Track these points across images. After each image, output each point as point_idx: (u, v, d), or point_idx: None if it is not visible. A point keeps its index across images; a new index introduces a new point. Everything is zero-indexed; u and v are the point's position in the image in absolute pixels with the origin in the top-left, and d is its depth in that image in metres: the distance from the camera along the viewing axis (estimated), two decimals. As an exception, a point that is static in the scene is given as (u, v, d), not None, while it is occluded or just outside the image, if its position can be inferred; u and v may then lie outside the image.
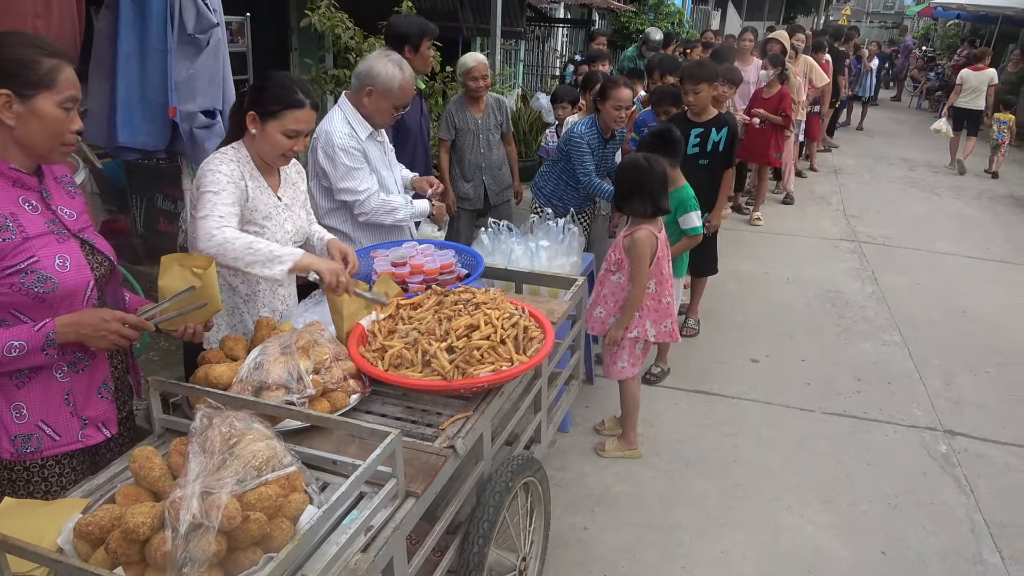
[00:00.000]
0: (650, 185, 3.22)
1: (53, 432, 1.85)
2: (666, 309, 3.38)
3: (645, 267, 3.22)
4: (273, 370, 1.92)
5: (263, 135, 2.31)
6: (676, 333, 3.45)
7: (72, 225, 1.86)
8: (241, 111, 2.36)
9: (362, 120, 3.11)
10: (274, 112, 2.28)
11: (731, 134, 4.52)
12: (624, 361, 3.42)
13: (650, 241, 3.21)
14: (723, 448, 3.64)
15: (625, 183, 3.29)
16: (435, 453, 1.87)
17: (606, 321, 3.39)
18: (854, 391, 4.28)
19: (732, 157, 4.61)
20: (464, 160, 4.71)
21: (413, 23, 3.82)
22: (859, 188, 9.45)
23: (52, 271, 1.75)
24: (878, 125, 14.60)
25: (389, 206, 3.12)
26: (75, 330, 1.76)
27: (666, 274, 3.36)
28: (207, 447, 1.54)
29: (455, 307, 2.29)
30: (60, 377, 1.84)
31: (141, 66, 3.07)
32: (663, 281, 3.35)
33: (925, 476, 3.50)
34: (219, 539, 1.40)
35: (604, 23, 15.44)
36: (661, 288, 3.34)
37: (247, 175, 2.35)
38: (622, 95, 4.19)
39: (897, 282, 6.12)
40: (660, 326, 3.38)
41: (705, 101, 4.52)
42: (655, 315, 3.36)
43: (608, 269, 3.38)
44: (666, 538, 3.01)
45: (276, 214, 2.44)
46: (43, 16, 2.58)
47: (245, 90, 2.46)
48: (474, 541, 2.01)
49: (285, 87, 2.30)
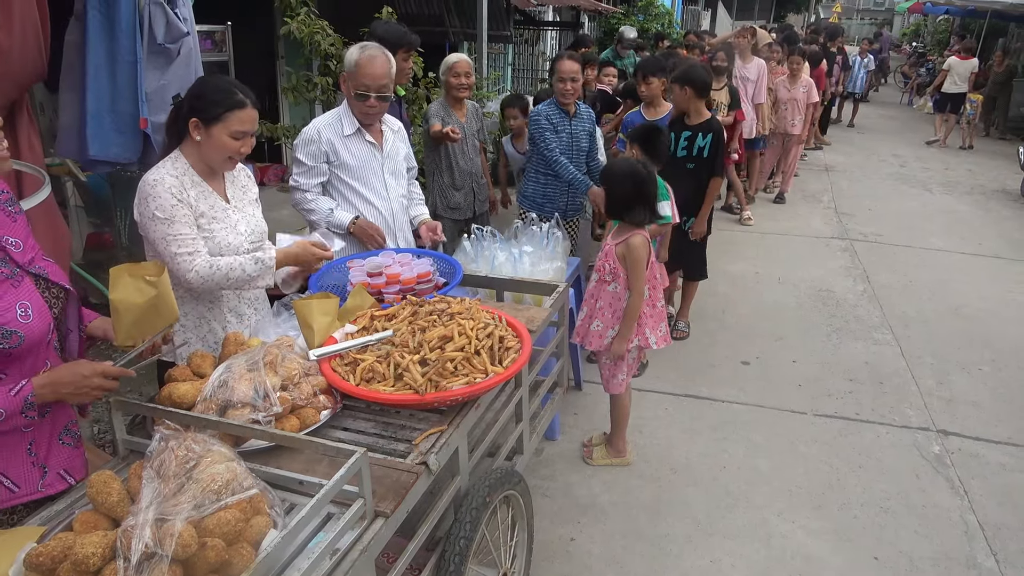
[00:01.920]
0: (650, 192, 3.16)
1: (12, 484, 1.76)
2: (660, 313, 3.32)
3: (643, 274, 3.12)
4: (238, 388, 1.87)
5: (208, 140, 2.27)
6: (668, 335, 3.39)
7: (21, 258, 1.73)
8: (178, 121, 2.31)
9: (352, 116, 3.11)
10: (217, 115, 2.24)
11: (715, 141, 4.46)
12: (623, 373, 3.32)
13: (646, 247, 3.12)
14: (713, 454, 3.58)
15: (624, 190, 3.15)
16: (406, 470, 1.81)
17: (604, 335, 3.25)
18: (846, 392, 4.23)
19: (717, 166, 4.55)
20: (455, 167, 4.57)
21: (392, 31, 3.77)
22: (850, 186, 9.43)
23: (15, 324, 1.65)
24: (869, 122, 14.60)
25: (306, 203, 3.17)
26: (53, 390, 1.69)
27: (658, 277, 3.31)
28: (162, 471, 1.48)
29: (429, 318, 2.24)
30: (24, 428, 1.76)
31: (111, 77, 3.02)
32: (656, 285, 3.30)
33: (918, 478, 3.45)
34: (174, 568, 1.35)
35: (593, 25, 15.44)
36: (655, 292, 3.28)
37: (188, 185, 2.30)
38: (565, 67, 4.29)
39: (889, 280, 6.08)
40: (657, 331, 3.30)
41: (655, 93, 4.71)
42: (652, 321, 3.27)
43: (602, 280, 3.24)
44: (654, 548, 2.95)
45: (225, 217, 2.39)
46: (4, 27, 2.53)
47: (179, 99, 2.42)
48: (450, 559, 1.96)
49: (224, 90, 2.27)
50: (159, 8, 2.99)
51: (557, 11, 13.41)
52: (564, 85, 4.29)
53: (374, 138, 3.19)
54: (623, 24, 12.93)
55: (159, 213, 2.23)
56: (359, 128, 3.12)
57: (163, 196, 2.23)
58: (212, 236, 2.35)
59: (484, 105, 7.28)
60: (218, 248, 2.37)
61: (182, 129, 2.31)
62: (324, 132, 3.09)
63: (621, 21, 12.98)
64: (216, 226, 2.36)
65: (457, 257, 3.60)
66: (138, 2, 2.97)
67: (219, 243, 2.37)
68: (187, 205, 2.27)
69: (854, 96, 13.93)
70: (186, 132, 2.30)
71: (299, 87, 4.85)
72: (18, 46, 2.62)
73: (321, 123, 3.12)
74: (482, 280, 3.12)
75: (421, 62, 5.42)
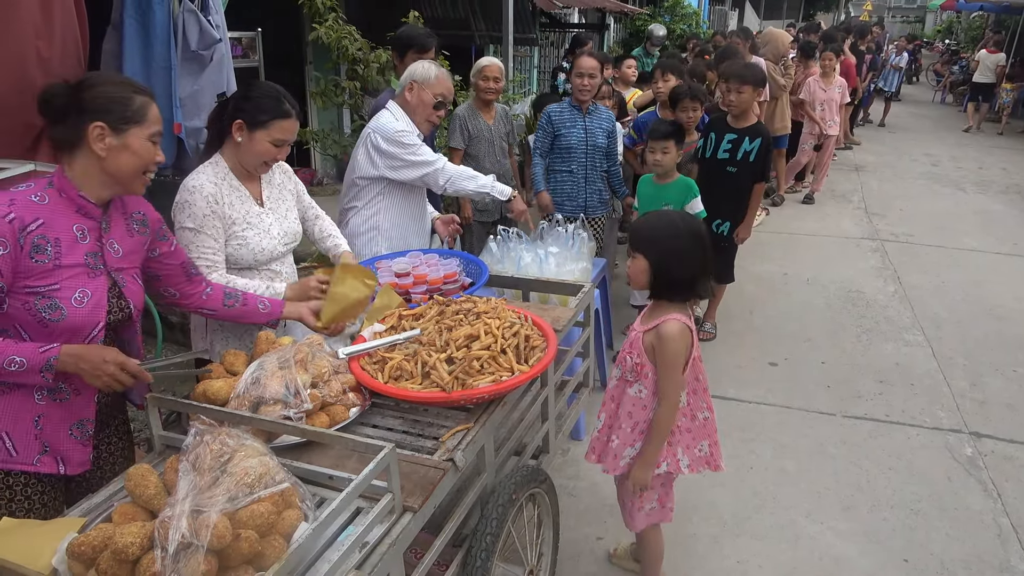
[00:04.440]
0: (703, 257, 2.26)
1: (12, 447, 1.85)
2: (702, 427, 2.42)
3: (679, 376, 2.25)
4: (270, 385, 1.91)
5: (250, 144, 2.33)
6: (717, 459, 2.45)
7: (113, 262, 1.90)
8: (222, 119, 2.37)
9: (408, 120, 3.21)
10: (263, 122, 2.30)
11: (764, 146, 4.41)
12: (653, 503, 2.48)
13: (686, 338, 2.24)
14: (739, 455, 3.57)
15: (683, 261, 2.23)
16: (433, 466, 1.84)
17: (621, 454, 2.40)
18: (876, 393, 4.19)
19: (765, 171, 4.52)
20: (482, 170, 4.60)
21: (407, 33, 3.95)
22: (881, 185, 9.30)
23: (67, 303, 1.79)
24: (901, 121, 14.39)
25: (468, 172, 3.23)
26: (75, 362, 1.78)
27: (702, 380, 2.40)
28: (197, 465, 1.53)
29: (456, 317, 2.27)
30: (38, 399, 1.85)
31: (146, 84, 3.09)
32: (698, 389, 2.39)
33: (949, 480, 3.40)
34: (209, 558, 1.39)
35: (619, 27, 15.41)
36: (696, 399, 2.39)
37: (225, 191, 2.36)
38: (583, 63, 4.34)
39: (920, 281, 6.00)
40: (695, 451, 2.40)
41: (747, 104, 4.47)
42: (688, 437, 2.39)
43: (623, 378, 2.39)
44: (680, 548, 2.95)
45: (259, 222, 2.45)
46: (45, 37, 2.61)
47: (225, 99, 2.48)
48: (477, 555, 1.98)
49: (273, 97, 2.33)
50: (192, 15, 3.07)
51: (583, 13, 13.40)
52: (581, 80, 4.33)
53: None
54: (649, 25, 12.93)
55: (189, 223, 2.30)
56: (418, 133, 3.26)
57: (198, 204, 2.30)
58: (246, 242, 2.42)
59: (511, 107, 7.31)
60: (251, 253, 2.44)
61: (225, 128, 2.37)
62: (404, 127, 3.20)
63: (647, 22, 12.94)
64: (249, 232, 2.42)
65: (483, 258, 3.63)
66: (172, 10, 3.05)
67: (252, 248, 2.43)
68: (219, 216, 2.34)
69: (885, 95, 13.72)
70: (228, 132, 2.37)
71: (326, 91, 4.92)
72: (58, 55, 2.70)
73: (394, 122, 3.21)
74: (508, 280, 3.14)
75: (448, 65, 5.47)
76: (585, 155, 4.48)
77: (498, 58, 5.24)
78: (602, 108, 4.58)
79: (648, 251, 2.26)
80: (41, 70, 2.69)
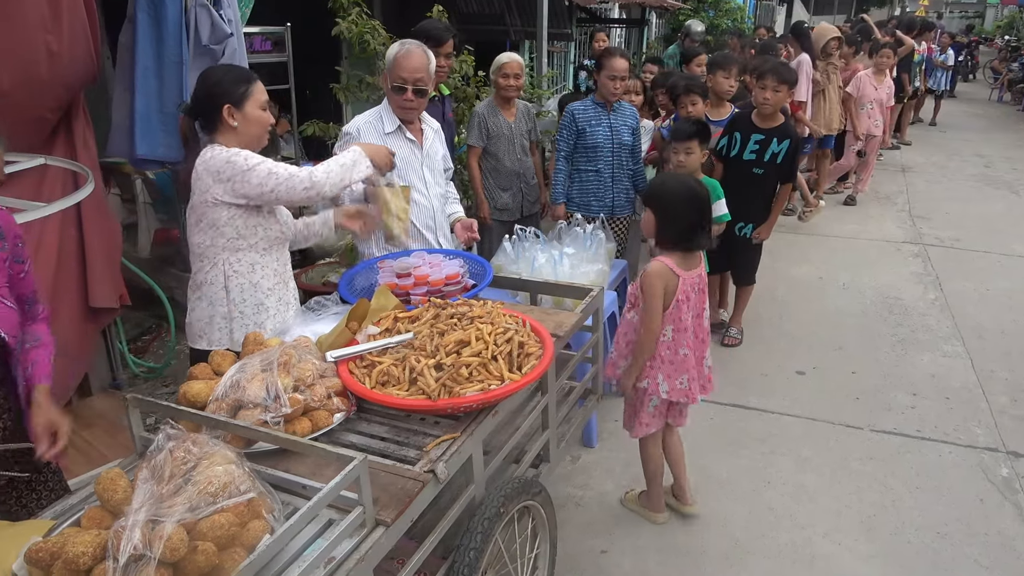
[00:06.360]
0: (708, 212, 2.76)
1: None
2: (683, 362, 2.79)
3: (654, 307, 2.69)
4: (250, 388, 1.87)
5: (245, 120, 2.40)
6: (694, 392, 2.82)
7: None
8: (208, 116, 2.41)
9: (392, 114, 3.12)
10: (244, 93, 2.37)
11: (792, 148, 4.26)
12: (639, 417, 2.92)
13: (663, 277, 2.68)
14: (757, 468, 3.43)
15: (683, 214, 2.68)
16: (412, 478, 1.77)
17: (617, 364, 2.93)
18: (908, 407, 3.99)
19: (792, 173, 4.36)
20: (501, 168, 4.54)
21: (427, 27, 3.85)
22: (928, 187, 8.95)
23: None
24: (954, 120, 13.85)
25: None
26: None
27: (685, 321, 2.76)
28: (156, 473, 1.49)
29: (450, 321, 2.20)
30: None
31: (158, 78, 3.11)
32: (681, 328, 2.76)
33: (982, 502, 3.22)
34: (162, 571, 1.34)
35: (660, 23, 15.15)
36: (679, 336, 2.76)
37: None
38: (616, 65, 4.21)
39: (964, 288, 5.73)
40: (675, 381, 2.80)
41: (781, 103, 4.32)
42: (670, 367, 2.79)
43: (628, 306, 2.90)
44: (689, 564, 2.84)
45: None
46: (53, 31, 2.62)
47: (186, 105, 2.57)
48: (459, 570, 1.91)
49: (233, 70, 2.46)
50: (204, 10, 3.05)
51: (623, 8, 13.21)
52: (614, 83, 4.21)
53: (414, 136, 3.17)
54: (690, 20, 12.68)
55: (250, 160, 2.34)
56: (399, 126, 3.12)
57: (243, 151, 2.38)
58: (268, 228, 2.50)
59: (542, 104, 7.21)
60: (268, 240, 2.51)
61: (214, 122, 2.40)
62: (364, 129, 3.10)
63: (689, 17, 12.68)
64: (268, 220, 2.50)
65: (497, 258, 3.56)
66: (184, 4, 3.04)
67: (270, 233, 2.51)
68: None
69: (934, 93, 13.21)
70: (217, 125, 2.40)
71: (350, 87, 4.89)
72: (67, 49, 2.71)
73: (361, 121, 3.13)
74: (515, 282, 3.06)
75: (472, 60, 5.40)
76: (611, 153, 4.37)
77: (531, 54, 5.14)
78: (626, 104, 4.46)
79: (654, 205, 2.74)
80: (50, 64, 2.70)
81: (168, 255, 5.29)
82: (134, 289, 4.00)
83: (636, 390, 2.87)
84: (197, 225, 2.44)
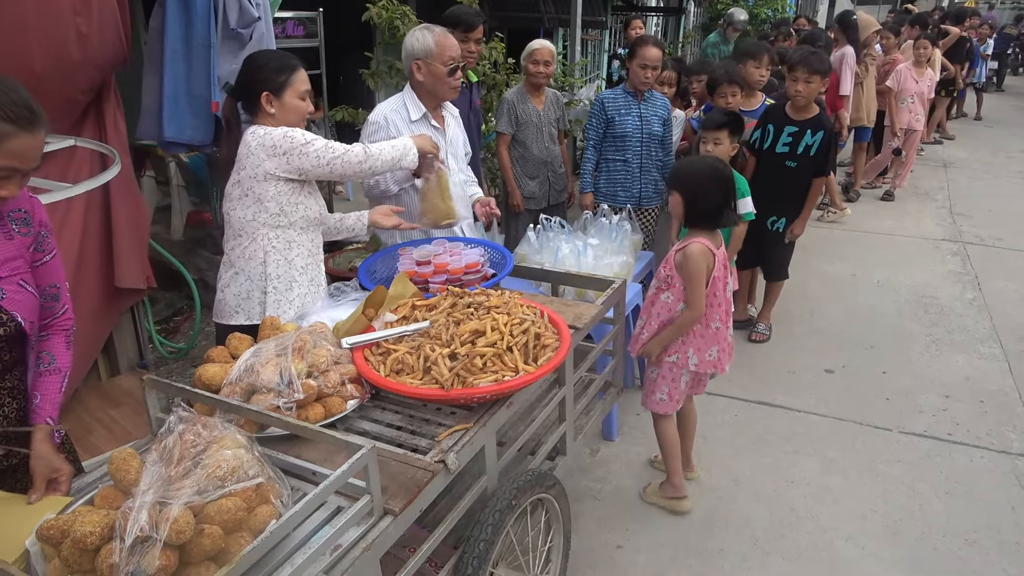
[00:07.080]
0: (732, 192, 2.84)
1: None
2: (714, 335, 2.85)
3: (701, 289, 2.72)
4: (264, 372, 1.87)
5: (283, 109, 2.44)
6: (723, 362, 2.90)
7: None
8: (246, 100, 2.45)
9: (417, 101, 3.09)
10: (284, 81, 2.41)
11: (826, 140, 4.14)
12: (663, 392, 2.94)
13: (706, 257, 2.71)
14: (781, 467, 3.36)
15: (708, 194, 2.76)
16: (423, 468, 1.76)
17: (645, 341, 2.94)
18: (939, 409, 3.89)
19: (827, 166, 4.25)
20: (529, 156, 4.51)
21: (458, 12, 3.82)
22: (970, 183, 8.69)
23: None
24: (1001, 115, 13.41)
25: None
26: None
27: (719, 296, 2.82)
28: (165, 455, 1.49)
29: (467, 310, 2.18)
30: None
31: (187, 62, 3.12)
32: (716, 304, 2.82)
33: (1013, 510, 3.12)
34: (167, 553, 1.35)
35: (699, 11, 14.89)
36: (711, 311, 2.81)
37: None
38: (649, 54, 4.15)
39: (1004, 288, 5.55)
40: (705, 354, 2.86)
41: (814, 95, 4.18)
42: (700, 341, 2.85)
43: (658, 287, 2.87)
44: (705, 564, 2.80)
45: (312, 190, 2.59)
46: (83, 13, 2.64)
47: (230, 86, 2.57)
48: (469, 561, 1.90)
49: (277, 58, 2.47)
50: (233, -7, 3.05)
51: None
52: (645, 72, 4.15)
53: (438, 123, 3.15)
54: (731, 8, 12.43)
55: (307, 135, 2.41)
56: (425, 113, 3.10)
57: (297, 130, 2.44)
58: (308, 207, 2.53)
59: (575, 92, 7.13)
60: (307, 220, 2.55)
61: (253, 107, 2.44)
62: (391, 117, 3.08)
63: (728, 6, 12.44)
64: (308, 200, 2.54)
65: (521, 247, 3.53)
66: (213, -12, 3.05)
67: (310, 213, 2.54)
68: None
69: (976, 86, 12.78)
70: (257, 110, 2.44)
71: (378, 72, 4.88)
72: (96, 31, 2.73)
73: (387, 108, 3.11)
74: (536, 273, 3.03)
75: (503, 47, 5.35)
76: (640, 143, 4.31)
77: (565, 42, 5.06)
78: (657, 95, 4.39)
79: (681, 187, 2.81)
80: (80, 47, 2.72)
81: (200, 237, 5.36)
82: (167, 270, 4.06)
83: (663, 363, 2.90)
84: (241, 200, 2.45)
